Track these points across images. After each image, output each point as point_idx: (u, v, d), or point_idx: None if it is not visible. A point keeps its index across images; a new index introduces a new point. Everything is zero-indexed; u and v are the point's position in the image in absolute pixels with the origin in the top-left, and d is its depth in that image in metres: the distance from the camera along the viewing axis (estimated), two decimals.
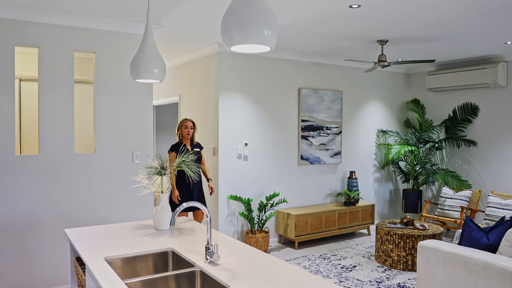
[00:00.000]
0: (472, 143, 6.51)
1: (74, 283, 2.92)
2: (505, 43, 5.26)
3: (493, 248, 3.36)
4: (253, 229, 5.50)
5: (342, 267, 4.93)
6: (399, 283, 4.40)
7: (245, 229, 5.73)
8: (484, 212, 5.82)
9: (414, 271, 4.76)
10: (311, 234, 5.81)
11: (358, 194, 6.36)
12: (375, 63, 5.30)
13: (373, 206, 6.46)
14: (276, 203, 5.66)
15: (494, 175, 6.32)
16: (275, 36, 1.64)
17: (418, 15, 4.04)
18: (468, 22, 4.29)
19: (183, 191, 4.70)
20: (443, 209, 6.23)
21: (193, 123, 4.82)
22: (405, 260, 4.80)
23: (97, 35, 4.27)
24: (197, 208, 4.72)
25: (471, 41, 5.22)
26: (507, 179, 6.16)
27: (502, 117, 6.22)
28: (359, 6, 3.74)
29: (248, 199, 5.52)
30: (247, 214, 5.48)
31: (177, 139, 4.84)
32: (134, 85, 4.49)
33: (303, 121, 6.18)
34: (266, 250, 5.46)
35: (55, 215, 4.11)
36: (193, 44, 5.44)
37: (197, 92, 6.04)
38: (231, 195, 5.52)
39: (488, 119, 6.39)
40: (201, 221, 4.82)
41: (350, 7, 3.78)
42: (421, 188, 7.18)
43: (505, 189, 6.19)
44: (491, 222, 5.51)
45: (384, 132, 7.10)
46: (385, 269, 4.85)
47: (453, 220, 6.02)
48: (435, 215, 6.34)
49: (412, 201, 6.80)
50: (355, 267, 4.95)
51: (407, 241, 4.78)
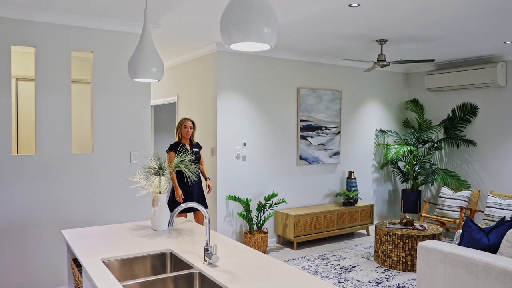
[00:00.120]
0: (471, 143, 6.50)
1: (71, 285, 2.89)
2: (505, 42, 5.25)
3: (493, 248, 3.34)
4: (252, 230, 5.48)
5: (341, 268, 4.90)
6: (398, 284, 4.38)
7: (244, 230, 5.71)
8: (483, 212, 5.80)
9: (413, 271, 4.74)
10: (310, 234, 5.78)
11: (357, 194, 6.34)
12: (374, 62, 5.28)
13: (372, 206, 6.44)
14: (274, 204, 5.64)
15: (493, 175, 6.31)
16: (275, 34, 1.61)
17: (417, 14, 4.02)
18: (467, 21, 4.28)
19: (182, 192, 4.66)
20: (442, 209, 6.22)
21: (193, 122, 4.78)
22: (404, 260, 4.78)
23: (95, 34, 4.24)
24: (197, 209, 4.68)
25: (470, 41, 5.20)
26: (507, 179, 6.14)
27: (501, 117, 6.20)
28: (358, 5, 3.72)
29: (246, 199, 5.49)
30: (245, 214, 5.46)
31: (176, 139, 4.81)
32: (132, 84, 4.46)
33: (302, 121, 6.16)
34: (264, 250, 5.44)
35: (52, 215, 4.07)
36: (192, 43, 5.41)
37: (195, 92, 6.01)
38: (230, 196, 5.49)
39: (487, 119, 6.38)
40: (202, 222, 4.79)
41: (349, 6, 3.76)
42: (420, 188, 7.17)
43: (504, 189, 6.18)
44: (491, 222, 5.49)
45: (383, 132, 7.08)
46: (385, 270, 4.83)
47: (452, 220, 6.00)
48: (434, 215, 6.33)
49: (411, 201, 6.79)
50: (354, 267, 4.93)
51: (407, 241, 4.76)
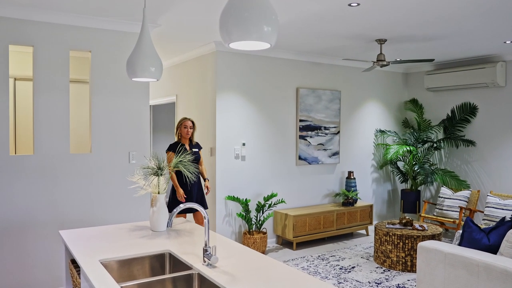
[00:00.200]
0: (470, 143, 6.48)
1: (69, 286, 2.87)
2: (504, 42, 5.24)
3: (493, 249, 3.33)
4: (251, 230, 5.46)
5: (340, 268, 4.89)
6: (398, 284, 4.36)
7: (243, 230, 5.69)
8: (483, 212, 5.79)
9: (413, 272, 4.73)
10: (309, 234, 5.77)
11: (356, 194, 6.33)
12: (374, 62, 5.26)
13: (371, 206, 6.43)
14: (274, 204, 5.62)
15: (492, 175, 6.30)
16: (275, 32, 1.60)
17: (417, 14, 4.01)
18: (467, 21, 4.27)
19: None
20: (442, 210, 6.20)
21: (193, 122, 4.75)
22: (404, 261, 4.76)
23: (93, 34, 4.22)
24: (196, 209, 4.66)
25: (470, 41, 5.19)
26: (506, 179, 6.13)
27: (500, 117, 6.19)
28: (358, 4, 3.70)
29: (245, 199, 5.47)
30: (244, 214, 5.44)
31: (176, 139, 4.79)
32: (130, 84, 4.43)
33: (301, 121, 6.14)
34: (264, 251, 5.42)
35: (50, 216, 4.05)
36: (190, 43, 5.39)
37: (194, 91, 5.99)
38: (229, 196, 5.47)
39: (486, 119, 6.37)
40: (202, 222, 4.76)
41: (349, 5, 3.74)
42: (419, 188, 7.16)
43: (504, 189, 6.17)
44: (490, 222, 5.48)
45: (382, 132, 7.07)
46: (384, 270, 4.81)
47: (451, 220, 5.99)
48: (434, 215, 6.31)
49: (410, 201, 6.78)
50: (353, 268, 4.91)
51: (406, 241, 4.74)
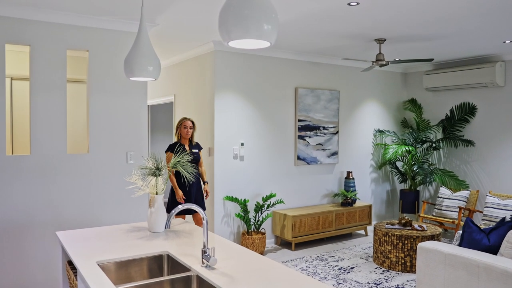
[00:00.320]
0: (469, 143, 6.47)
1: (66, 287, 2.84)
2: (504, 42, 5.23)
3: (494, 249, 3.31)
4: (250, 230, 5.43)
5: (339, 269, 4.87)
6: (397, 285, 4.34)
7: (241, 231, 5.66)
8: (482, 212, 5.78)
9: (412, 272, 4.71)
10: (308, 235, 5.74)
11: (355, 194, 6.31)
12: (373, 62, 5.24)
13: (370, 206, 6.41)
14: (272, 204, 5.60)
15: (492, 175, 6.29)
16: (275, 30, 1.57)
17: (416, 13, 3.99)
18: (466, 21, 4.25)
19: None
20: (441, 210, 6.19)
21: (193, 122, 4.72)
22: (403, 261, 4.74)
23: (91, 33, 4.19)
24: (195, 210, 4.63)
25: (469, 40, 5.18)
26: (505, 179, 6.12)
27: (499, 117, 6.18)
28: (357, 3, 3.68)
29: (244, 200, 5.45)
30: (243, 215, 5.41)
31: (176, 139, 4.76)
32: (128, 84, 4.40)
33: (299, 120, 6.12)
34: (262, 251, 5.39)
35: (47, 216, 4.01)
36: (189, 42, 5.36)
37: (192, 91, 5.96)
38: (227, 196, 5.44)
39: (485, 119, 6.35)
40: (201, 223, 4.73)
41: (348, 4, 3.72)
42: (418, 188, 7.14)
43: (503, 189, 6.16)
44: (489, 222, 5.47)
45: (381, 132, 7.05)
46: (383, 271, 4.79)
47: (451, 220, 5.97)
48: (433, 215, 6.30)
49: (409, 202, 6.76)
50: (353, 268, 4.89)
51: (406, 242, 4.72)
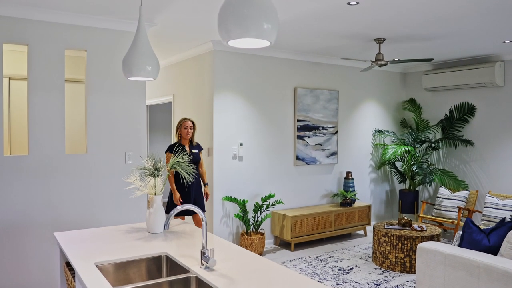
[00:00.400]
0: (469, 143, 6.47)
1: None
2: (503, 42, 5.22)
3: (494, 250, 3.30)
4: (249, 231, 5.42)
5: (339, 269, 4.85)
6: (397, 286, 4.33)
7: (240, 231, 5.64)
8: (481, 212, 5.77)
9: (412, 273, 4.70)
10: (307, 235, 5.73)
11: (354, 194, 6.29)
12: (372, 62, 5.23)
13: (369, 206, 6.40)
14: (271, 204, 5.58)
15: (491, 175, 6.28)
16: (275, 30, 1.55)
17: (416, 13, 3.98)
18: (466, 20, 4.24)
19: (180, 195, 4.58)
20: (440, 210, 6.18)
21: (193, 123, 4.69)
22: (403, 262, 4.73)
23: (89, 33, 4.17)
24: (194, 211, 4.61)
25: (469, 40, 5.17)
26: (505, 180, 6.12)
27: (499, 117, 6.18)
28: (357, 3, 3.67)
29: (243, 200, 5.43)
30: (242, 215, 5.39)
31: (176, 140, 4.73)
32: (126, 84, 4.38)
33: (299, 121, 6.10)
34: (261, 252, 5.38)
35: (45, 217, 3.99)
36: (187, 42, 5.34)
37: (191, 91, 5.94)
38: (226, 196, 5.42)
39: (485, 119, 6.35)
40: (201, 224, 4.71)
41: (348, 4, 3.70)
42: (417, 188, 7.13)
43: (502, 189, 6.15)
44: (489, 222, 5.46)
45: (380, 132, 7.04)
46: (383, 271, 4.78)
47: (450, 220, 5.96)
48: (432, 215, 6.29)
49: (408, 202, 6.75)
50: (352, 269, 4.88)
51: (405, 242, 4.71)
